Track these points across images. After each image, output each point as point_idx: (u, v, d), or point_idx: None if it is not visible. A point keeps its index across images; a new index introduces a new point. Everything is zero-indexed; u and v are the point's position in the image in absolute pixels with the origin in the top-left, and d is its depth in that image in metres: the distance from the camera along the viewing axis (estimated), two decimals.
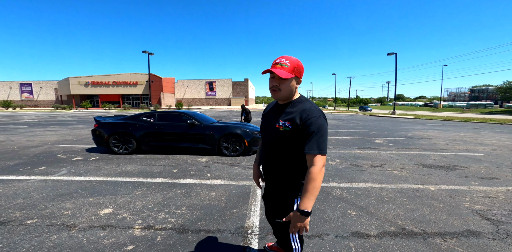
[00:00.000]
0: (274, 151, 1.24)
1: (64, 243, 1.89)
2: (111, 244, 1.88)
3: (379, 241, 1.93)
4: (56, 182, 3.40)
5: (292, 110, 1.17)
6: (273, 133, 1.21)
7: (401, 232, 2.07)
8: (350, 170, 4.02)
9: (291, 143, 1.16)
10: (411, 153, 5.45)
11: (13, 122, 13.82)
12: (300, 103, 1.18)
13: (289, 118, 1.15)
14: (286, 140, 1.17)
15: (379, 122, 14.98)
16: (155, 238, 1.97)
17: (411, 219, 2.29)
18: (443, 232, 2.06)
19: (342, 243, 1.91)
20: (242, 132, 5.06)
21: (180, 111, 5.53)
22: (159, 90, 41.69)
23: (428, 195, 2.92)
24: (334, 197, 2.84)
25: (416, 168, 4.17)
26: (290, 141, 1.16)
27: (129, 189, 3.13)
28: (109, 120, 5.44)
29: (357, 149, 5.91)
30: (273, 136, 1.22)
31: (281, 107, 1.22)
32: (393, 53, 22.39)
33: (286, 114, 1.17)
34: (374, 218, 2.31)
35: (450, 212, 2.45)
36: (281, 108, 1.22)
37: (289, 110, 1.18)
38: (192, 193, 3.00)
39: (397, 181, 3.44)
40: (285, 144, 1.18)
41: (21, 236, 1.99)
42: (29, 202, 2.69)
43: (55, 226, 2.17)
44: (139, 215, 2.40)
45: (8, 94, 45.05)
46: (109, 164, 4.36)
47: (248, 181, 3.44)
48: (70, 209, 2.53)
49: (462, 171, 4.00)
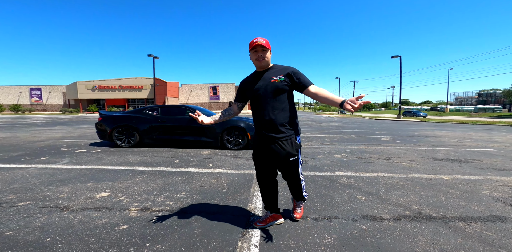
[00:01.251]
0: (271, 105, 1.53)
1: (52, 223, 1.79)
2: (102, 224, 1.77)
3: (394, 224, 1.77)
4: (56, 169, 3.34)
5: (276, 70, 1.56)
6: (270, 88, 1.51)
7: (417, 216, 1.90)
8: (357, 162, 3.85)
9: (285, 91, 1.53)
10: (420, 148, 5.24)
11: (21, 123, 14.07)
12: (277, 66, 1.59)
13: (280, 74, 1.53)
14: (281, 87, 1.51)
15: (384, 124, 14.70)
16: (151, 219, 1.86)
17: (427, 205, 2.12)
18: (465, 216, 1.89)
19: (353, 225, 1.76)
20: (246, 125, 4.97)
21: (183, 105, 5.50)
22: (163, 95, 42.27)
23: (442, 183, 2.74)
24: (341, 184, 2.69)
25: (426, 161, 3.97)
26: (284, 89, 1.52)
27: (129, 176, 3.03)
28: (113, 114, 5.44)
29: (363, 145, 5.72)
30: (270, 90, 1.52)
31: (261, 73, 1.57)
32: (397, 56, 22.25)
33: (274, 73, 1.54)
34: (386, 203, 2.15)
35: (469, 198, 2.27)
36: (261, 74, 1.57)
37: (273, 71, 1.55)
38: (193, 180, 2.88)
39: (407, 171, 3.27)
40: (280, 91, 1.51)
41: (9, 216, 1.90)
42: (26, 186, 2.61)
43: (48, 207, 2.08)
44: (137, 198, 2.29)
45: (18, 99, 46.28)
46: (111, 155, 4.30)
47: (251, 170, 3.31)
48: (66, 192, 2.44)
49: (475, 164, 3.78)
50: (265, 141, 1.56)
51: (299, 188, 1.74)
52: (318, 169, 3.38)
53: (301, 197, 1.80)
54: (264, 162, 1.62)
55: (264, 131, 1.55)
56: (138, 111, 5.40)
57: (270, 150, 1.55)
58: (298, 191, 1.76)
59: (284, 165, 1.58)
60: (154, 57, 24.65)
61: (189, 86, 50.39)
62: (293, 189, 1.77)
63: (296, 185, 1.72)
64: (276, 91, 1.50)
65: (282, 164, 1.58)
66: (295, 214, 1.86)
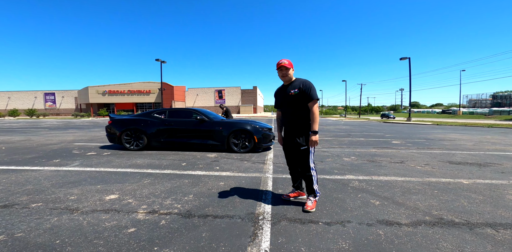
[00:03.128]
0: (290, 109, 2.09)
1: (62, 225, 1.78)
2: (111, 227, 1.76)
3: (414, 230, 1.66)
4: (68, 172, 3.40)
5: (294, 84, 2.07)
6: (290, 98, 2.05)
7: (439, 221, 1.78)
8: (368, 165, 3.72)
9: (300, 100, 2.02)
10: (434, 152, 5.03)
11: (35, 126, 14.59)
12: (297, 80, 2.09)
13: (295, 88, 2.04)
14: (296, 99, 2.03)
15: (394, 127, 14.33)
16: (159, 222, 1.83)
17: (448, 210, 1.99)
18: (493, 222, 1.76)
19: (369, 230, 1.66)
20: (252, 128, 4.93)
21: (190, 108, 5.54)
22: (170, 99, 43.06)
23: (463, 187, 2.59)
24: (352, 188, 2.59)
25: (443, 164, 3.79)
26: (298, 99, 2.02)
27: (137, 178, 3.04)
28: (122, 117, 5.54)
29: (372, 148, 5.56)
30: (289, 100, 2.06)
31: (287, 86, 2.12)
32: (406, 58, 21.86)
33: (292, 87, 2.06)
34: (402, 208, 2.04)
35: (494, 204, 2.12)
36: (286, 87, 2.11)
37: (293, 85, 2.07)
38: (200, 182, 2.85)
39: (423, 175, 3.12)
40: (296, 102, 2.03)
41: (21, 218, 1.92)
42: (38, 188, 2.65)
43: (58, 209, 2.09)
44: (145, 201, 2.28)
45: (33, 103, 48.29)
46: (120, 158, 4.35)
47: (258, 173, 3.25)
48: (76, 194, 2.46)
49: (496, 167, 3.58)
50: (287, 136, 2.14)
51: (310, 179, 2.06)
52: (327, 172, 3.28)
53: (312, 190, 2.07)
54: (288, 151, 2.18)
55: (287, 128, 2.14)
56: (146, 114, 5.48)
57: (290, 142, 2.11)
58: (308, 182, 2.08)
59: (297, 153, 2.08)
60: (162, 61, 25.23)
61: (195, 90, 51.16)
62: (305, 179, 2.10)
63: (307, 174, 2.07)
64: (293, 101, 2.04)
65: (297, 152, 2.07)
66: (305, 206, 2.03)
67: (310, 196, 2.09)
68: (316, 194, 2.08)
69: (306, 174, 2.07)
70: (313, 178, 2.05)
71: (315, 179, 2.06)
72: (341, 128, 12.68)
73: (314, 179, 2.06)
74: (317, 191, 2.09)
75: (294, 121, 2.06)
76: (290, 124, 2.09)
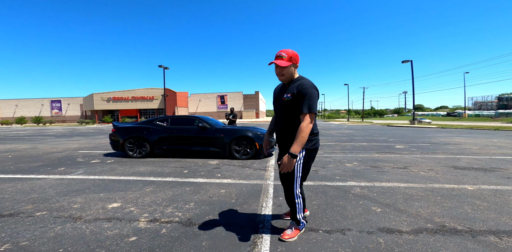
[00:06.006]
0: (282, 117, 1.66)
1: (65, 234, 1.81)
2: (113, 235, 1.78)
3: (415, 237, 1.64)
4: (72, 180, 3.45)
5: (292, 86, 1.59)
6: (281, 103, 1.63)
7: (441, 229, 1.76)
8: (370, 171, 3.69)
9: (292, 109, 1.57)
10: (439, 157, 4.97)
11: (41, 134, 14.88)
12: (298, 81, 1.60)
13: (290, 92, 1.57)
14: (288, 106, 1.58)
15: (397, 131, 14.20)
16: (160, 230, 1.84)
17: (451, 217, 1.97)
18: (496, 230, 1.73)
19: (369, 238, 1.65)
20: (254, 134, 4.97)
21: (192, 116, 5.62)
22: (173, 104, 43.59)
23: (467, 194, 2.55)
24: (354, 195, 2.57)
25: (447, 170, 3.74)
26: (291, 107, 1.57)
27: (140, 186, 3.07)
28: (126, 125, 5.64)
29: (375, 153, 5.52)
30: (281, 106, 1.64)
31: (286, 85, 1.66)
32: (408, 61, 21.85)
33: (289, 90, 1.59)
34: (404, 215, 2.02)
35: (498, 210, 2.09)
36: (285, 87, 1.65)
37: (290, 87, 1.60)
38: (202, 190, 2.87)
39: (426, 181, 3.08)
40: (288, 110, 1.59)
41: (26, 226, 1.95)
42: (43, 197, 2.71)
43: (62, 218, 2.12)
44: (146, 209, 2.30)
45: (40, 111, 49.35)
46: (123, 166, 4.41)
47: (260, 180, 3.25)
48: (80, 203, 2.50)
49: (502, 173, 3.51)
50: (281, 148, 1.73)
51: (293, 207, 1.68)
52: (329, 179, 3.27)
53: (295, 218, 1.69)
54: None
55: (279, 139, 1.74)
56: (149, 122, 5.57)
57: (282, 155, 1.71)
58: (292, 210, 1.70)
59: (281, 173, 1.64)
60: (165, 67, 25.69)
61: (198, 96, 51.75)
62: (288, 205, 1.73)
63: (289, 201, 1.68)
64: (285, 109, 1.62)
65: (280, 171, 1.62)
66: (283, 233, 1.68)
67: (292, 223, 1.73)
68: (300, 223, 1.70)
69: (288, 200, 1.68)
70: (297, 206, 1.66)
71: (299, 207, 1.66)
72: (344, 132, 12.62)
73: (298, 207, 1.66)
74: (302, 222, 1.70)
75: (285, 134, 1.63)
76: (281, 136, 1.67)
